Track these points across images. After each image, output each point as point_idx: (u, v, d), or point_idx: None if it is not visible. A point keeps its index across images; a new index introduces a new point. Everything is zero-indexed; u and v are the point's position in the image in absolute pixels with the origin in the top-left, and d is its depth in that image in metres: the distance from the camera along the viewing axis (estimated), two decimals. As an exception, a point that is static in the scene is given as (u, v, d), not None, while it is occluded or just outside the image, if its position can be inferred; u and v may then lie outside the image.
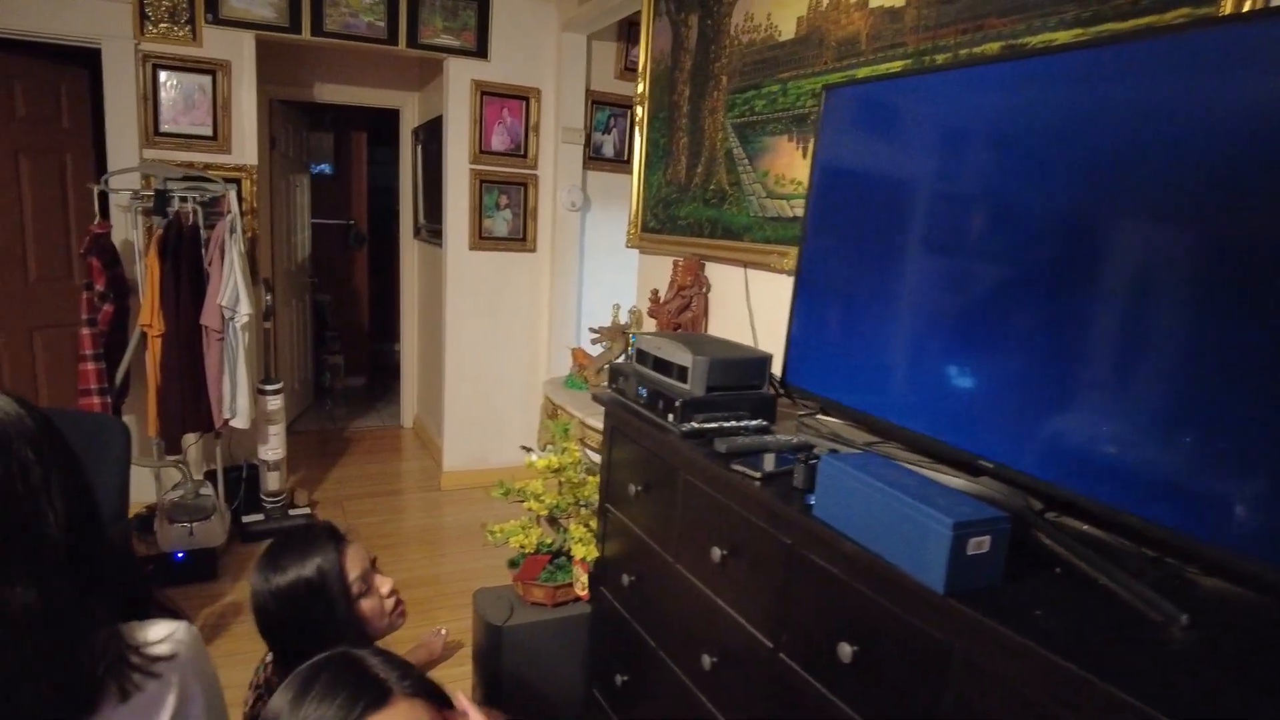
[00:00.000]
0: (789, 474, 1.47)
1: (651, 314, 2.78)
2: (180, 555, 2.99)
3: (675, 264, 2.70)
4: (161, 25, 3.33)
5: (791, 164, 2.21)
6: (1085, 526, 1.28)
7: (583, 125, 4.09)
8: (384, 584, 1.40)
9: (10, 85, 3.43)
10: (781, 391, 1.93)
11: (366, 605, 1.35)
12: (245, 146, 3.59)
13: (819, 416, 1.90)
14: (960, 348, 1.36)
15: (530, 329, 4.31)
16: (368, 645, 1.35)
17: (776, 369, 1.87)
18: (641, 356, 1.99)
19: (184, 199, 3.11)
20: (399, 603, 1.42)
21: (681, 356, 1.79)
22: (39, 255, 3.59)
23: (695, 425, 1.72)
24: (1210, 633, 0.98)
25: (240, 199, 3.54)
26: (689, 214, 2.71)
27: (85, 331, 2.98)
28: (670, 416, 1.76)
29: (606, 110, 4.16)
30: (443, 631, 1.91)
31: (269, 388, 3.49)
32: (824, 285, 1.75)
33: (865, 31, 1.93)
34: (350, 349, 6.41)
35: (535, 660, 2.15)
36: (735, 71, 2.44)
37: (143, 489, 3.59)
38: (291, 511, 3.64)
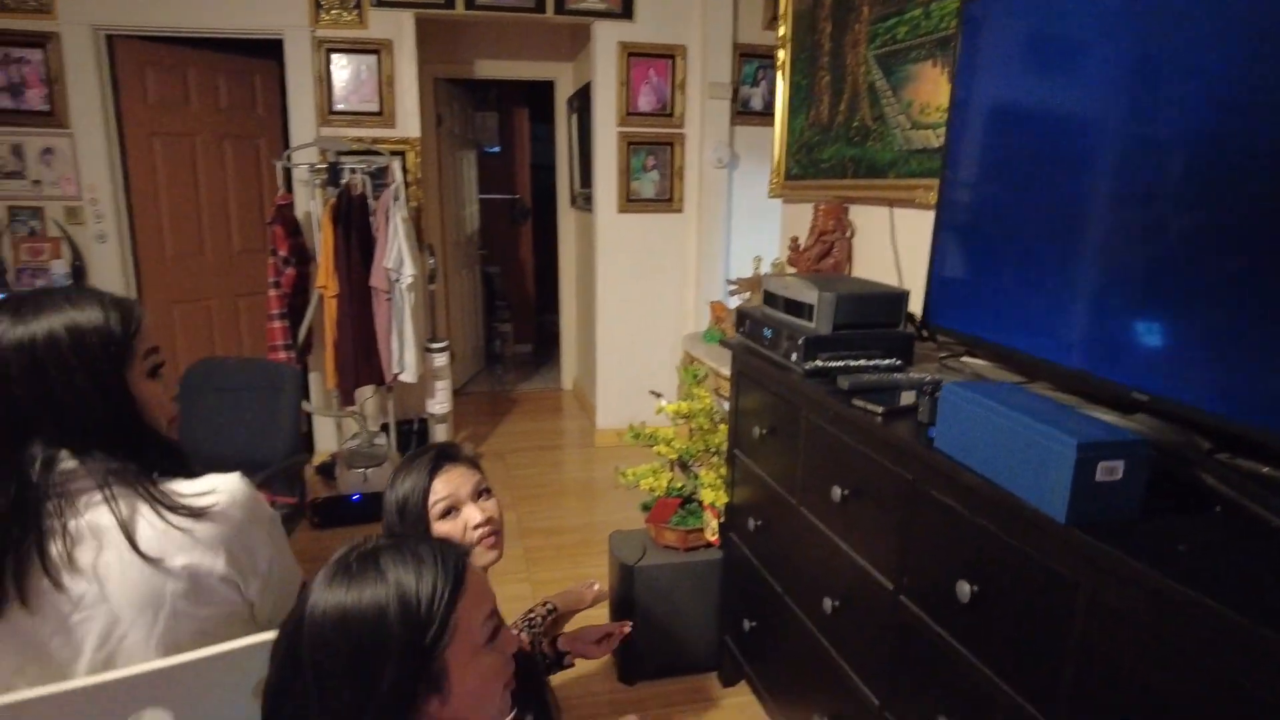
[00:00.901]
0: (914, 409, 1.37)
1: (791, 263, 2.69)
2: (356, 497, 3.28)
3: (816, 208, 2.60)
4: (333, 11, 3.61)
5: (936, 91, 2.05)
6: (1267, 469, 1.11)
7: (729, 80, 4.01)
8: (475, 515, 1.42)
9: (215, 80, 3.85)
10: (924, 333, 1.81)
11: (444, 527, 1.39)
12: (408, 121, 3.82)
13: (964, 359, 1.76)
14: (1116, 273, 1.21)
15: (678, 289, 4.31)
16: None
17: (918, 309, 1.76)
18: (770, 299, 1.93)
19: (353, 170, 3.36)
20: (487, 535, 1.44)
21: (807, 294, 1.72)
22: (241, 229, 4.03)
23: (819, 364, 1.65)
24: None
25: (404, 169, 3.79)
26: (831, 155, 2.59)
27: (271, 293, 3.32)
28: (794, 356, 1.70)
29: (754, 63, 4.05)
30: (595, 585, 1.92)
31: (435, 346, 3.73)
32: (967, 216, 1.62)
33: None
34: (518, 318, 6.72)
35: (667, 602, 2.16)
36: (876, 0, 2.29)
37: (326, 438, 3.98)
38: (457, 463, 3.88)
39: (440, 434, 3.85)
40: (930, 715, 1.23)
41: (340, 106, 3.72)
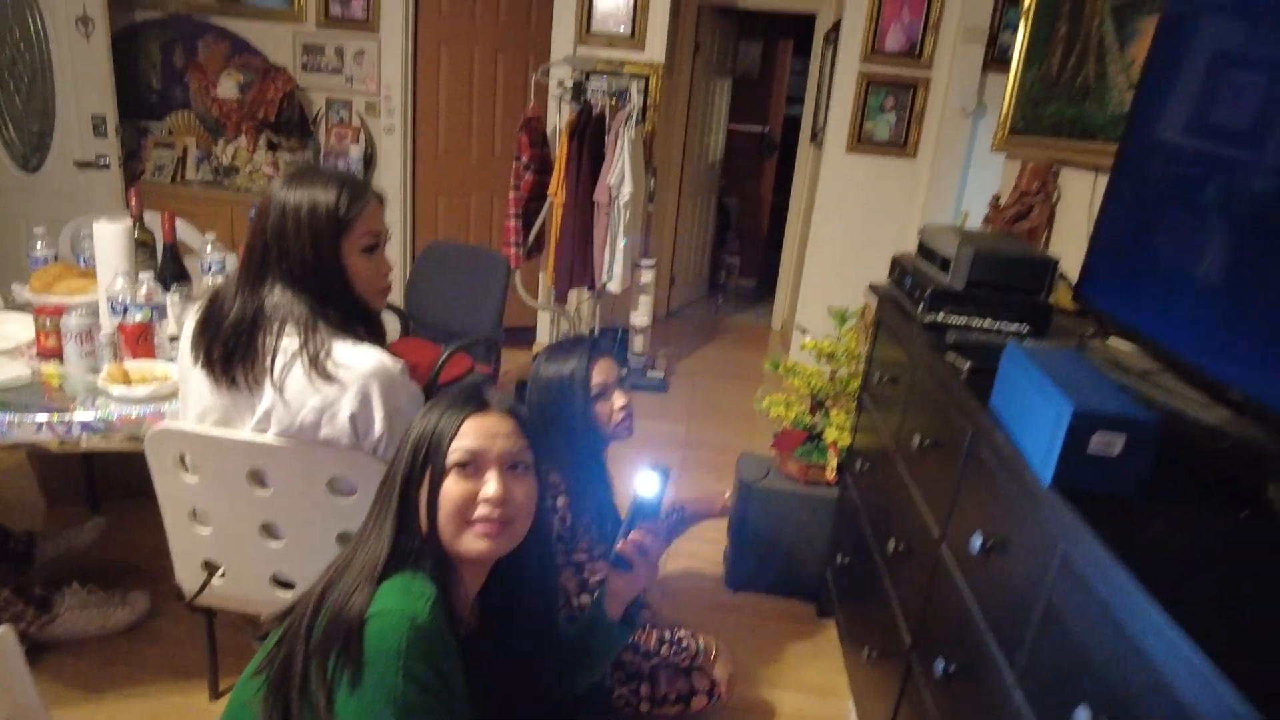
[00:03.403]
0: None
1: (988, 220, 2.57)
2: (553, 385, 3.68)
3: (1023, 166, 2.45)
4: (603, -64, 3.86)
5: (1162, 48, 1.86)
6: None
7: (988, 24, 3.74)
8: (620, 399, 1.66)
9: (497, -3, 4.30)
10: (1073, 309, 1.73)
11: (600, 407, 1.63)
12: (656, 45, 4.03)
13: (1110, 340, 1.66)
14: (1249, 264, 1.12)
15: (896, 239, 4.19)
16: (596, 437, 1.65)
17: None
18: (921, 249, 1.93)
19: (595, 89, 3.65)
20: (627, 417, 1.66)
21: (948, 246, 1.71)
22: (503, 135, 4.51)
23: (939, 317, 1.66)
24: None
25: (645, 93, 4.01)
26: (1053, 113, 2.42)
27: (511, 194, 3.75)
28: (920, 306, 1.71)
29: (1019, 8, 3.72)
30: (726, 495, 2.12)
31: (645, 262, 4.00)
32: (1136, 191, 1.51)
33: None
34: (748, 252, 6.84)
35: (780, 526, 2.29)
36: (1126, -59, 2.08)
37: (544, 331, 4.45)
38: (650, 372, 4.18)
39: (638, 345, 4.15)
40: (932, 657, 1.28)
41: (597, 29, 4.01)
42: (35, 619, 1.81)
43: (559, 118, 3.89)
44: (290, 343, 1.32)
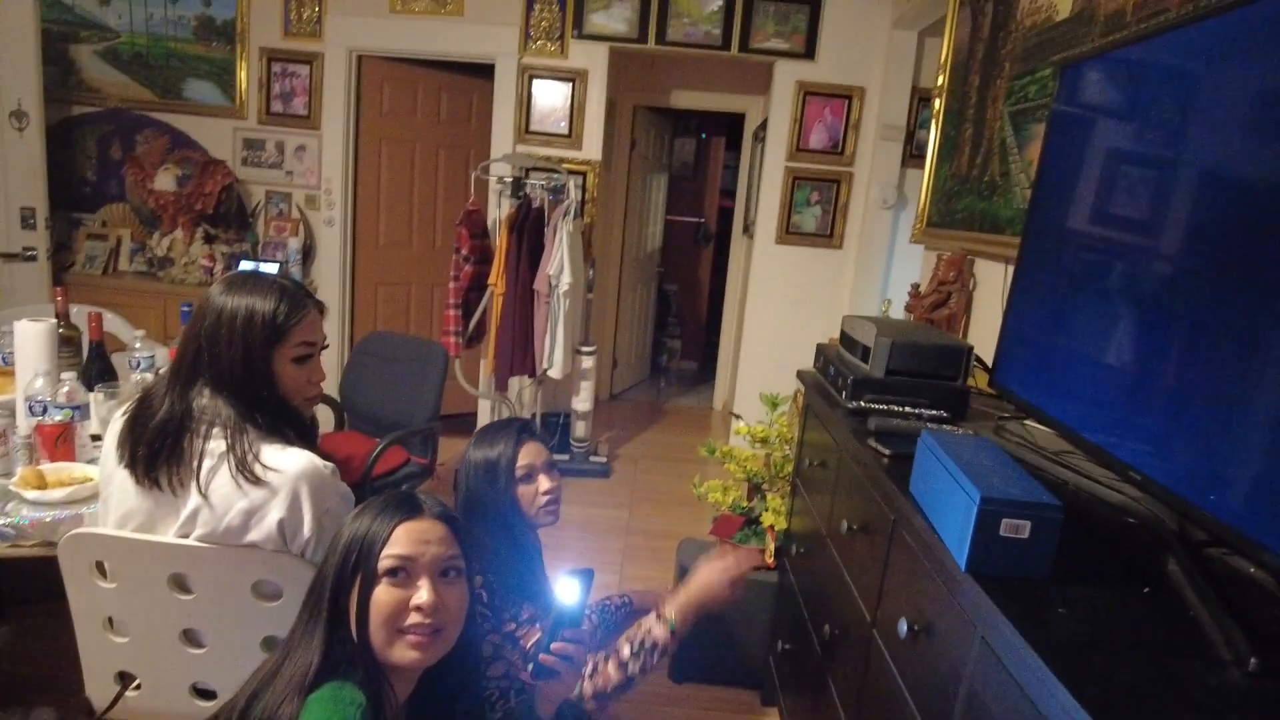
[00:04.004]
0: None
1: (909, 309, 2.70)
2: (493, 474, 3.65)
3: (939, 258, 2.60)
4: (539, 41, 4.06)
5: (1054, 152, 2.03)
6: (1254, 570, 1.08)
7: (904, 122, 4.01)
8: (545, 482, 1.65)
9: (438, 95, 4.44)
10: (991, 391, 1.81)
11: (523, 489, 1.63)
12: (593, 144, 4.20)
13: (1026, 423, 1.75)
14: (1146, 350, 1.21)
15: (826, 324, 4.34)
16: (521, 521, 1.63)
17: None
18: (843, 338, 2.01)
19: (534, 185, 3.76)
20: (552, 502, 1.66)
21: (867, 335, 1.80)
22: (444, 228, 4.59)
23: (862, 404, 1.72)
24: (1276, 683, 0.81)
25: (583, 188, 4.15)
26: (965, 207, 2.59)
27: (450, 285, 3.79)
28: (844, 394, 1.78)
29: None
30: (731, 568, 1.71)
31: (585, 349, 4.05)
32: (1037, 278, 1.62)
33: (1133, 0, 1.72)
34: (689, 335, 7.00)
35: (724, 613, 2.27)
36: (1017, 57, 2.29)
37: (484, 418, 4.42)
38: (592, 458, 4.18)
39: (580, 430, 4.16)
40: (870, 743, 1.29)
41: (535, 127, 4.16)
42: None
43: (499, 211, 3.98)
44: (217, 445, 1.30)
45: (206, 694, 1.49)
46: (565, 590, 1.20)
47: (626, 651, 1.54)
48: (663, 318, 6.76)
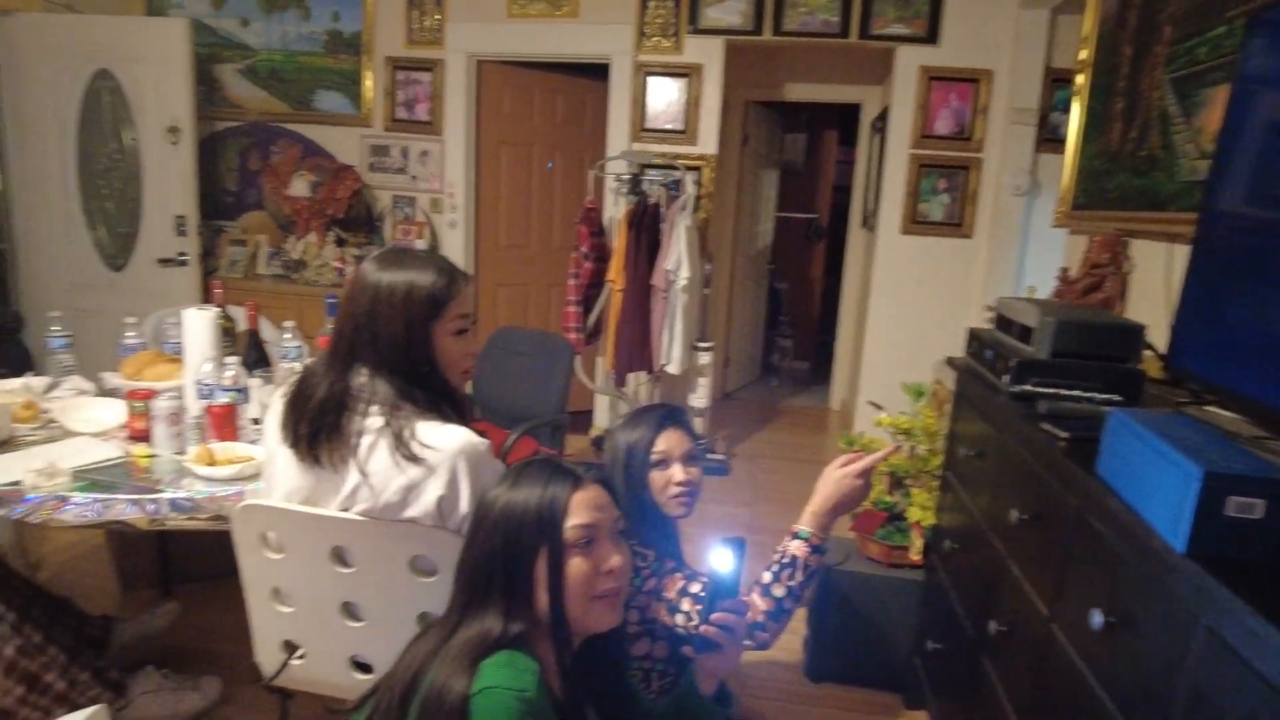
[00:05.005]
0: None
1: (1058, 294, 2.53)
2: (613, 469, 3.66)
3: (1091, 239, 2.43)
4: (654, 38, 4.06)
5: (1233, 116, 1.85)
6: None
7: (1037, 105, 3.79)
8: (679, 473, 1.62)
9: (554, 98, 4.51)
10: (1158, 376, 1.68)
11: (655, 475, 1.60)
12: (708, 139, 4.16)
13: (1208, 408, 1.60)
14: None
15: (957, 317, 4.14)
16: (650, 506, 1.61)
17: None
18: (1000, 321, 1.90)
19: (651, 181, 3.76)
20: (685, 494, 1.62)
21: (1029, 317, 1.69)
22: (562, 228, 4.65)
23: (1027, 388, 1.61)
24: None
25: (698, 184, 4.12)
26: (1117, 185, 2.41)
27: (570, 282, 3.83)
28: (1005, 377, 1.67)
29: (1068, 88, 3.77)
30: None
31: (702, 345, 4.02)
32: (1227, 251, 1.48)
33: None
34: (800, 334, 6.85)
35: (863, 611, 2.19)
36: (1179, 19, 2.11)
37: (602, 415, 4.45)
38: (710, 456, 4.13)
39: (698, 427, 4.12)
40: (1055, 745, 1.19)
41: (650, 124, 4.16)
42: (111, 703, 1.80)
43: (616, 208, 4.00)
44: (375, 423, 1.33)
45: (364, 667, 1.53)
46: (720, 559, 1.16)
47: (768, 576, 1.48)
48: (774, 316, 6.65)
